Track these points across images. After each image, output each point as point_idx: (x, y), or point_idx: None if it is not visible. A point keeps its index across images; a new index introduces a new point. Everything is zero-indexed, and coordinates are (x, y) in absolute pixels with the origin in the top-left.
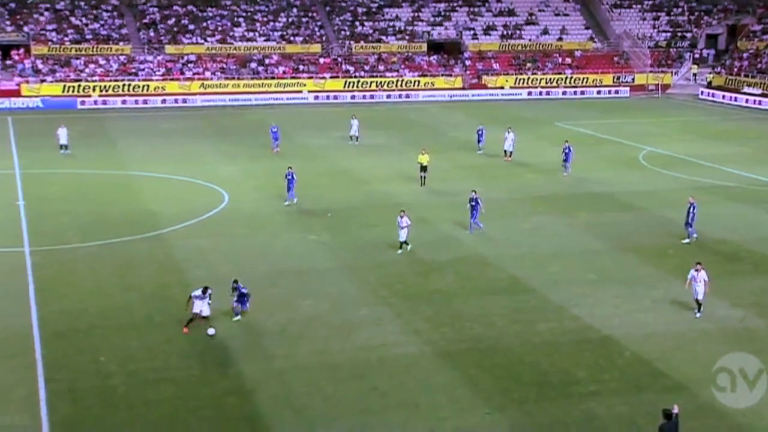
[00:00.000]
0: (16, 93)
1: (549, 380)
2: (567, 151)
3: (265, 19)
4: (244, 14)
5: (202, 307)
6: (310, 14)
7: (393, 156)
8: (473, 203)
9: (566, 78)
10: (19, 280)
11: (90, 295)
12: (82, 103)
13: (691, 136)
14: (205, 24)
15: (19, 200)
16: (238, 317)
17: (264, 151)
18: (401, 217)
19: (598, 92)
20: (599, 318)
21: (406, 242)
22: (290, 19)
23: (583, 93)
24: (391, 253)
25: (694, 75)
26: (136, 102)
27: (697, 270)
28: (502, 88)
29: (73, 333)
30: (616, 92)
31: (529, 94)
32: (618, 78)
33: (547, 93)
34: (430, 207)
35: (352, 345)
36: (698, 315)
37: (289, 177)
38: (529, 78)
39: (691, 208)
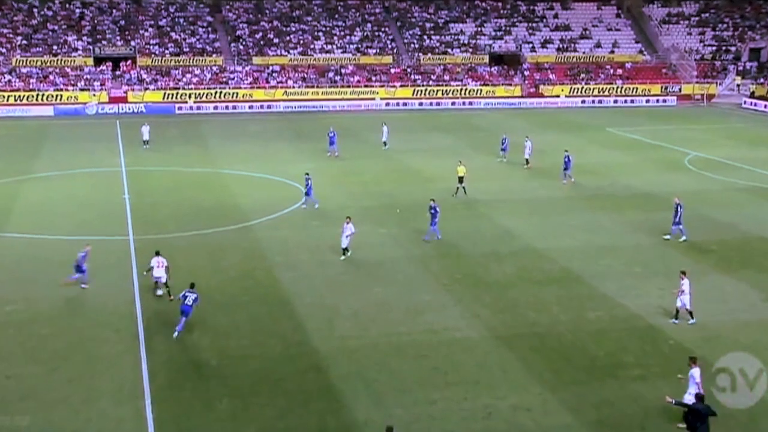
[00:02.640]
0: (124, 99)
1: (598, 364)
2: (566, 159)
3: (342, 33)
4: (323, 29)
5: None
6: (382, 29)
7: (456, 157)
8: (432, 211)
9: (617, 88)
10: (125, 265)
11: (185, 278)
12: (179, 108)
13: (734, 142)
14: (288, 38)
15: (125, 194)
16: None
17: (340, 152)
18: (346, 224)
19: (647, 101)
20: (645, 308)
21: (347, 248)
22: (365, 33)
23: (632, 102)
24: (454, 245)
25: (738, 86)
26: (226, 107)
27: (681, 278)
28: (557, 96)
29: (170, 311)
30: (664, 101)
31: (583, 102)
32: (666, 88)
33: (600, 101)
34: (487, 204)
35: (418, 328)
36: (693, 321)
37: (307, 181)
38: (582, 87)
39: (678, 208)
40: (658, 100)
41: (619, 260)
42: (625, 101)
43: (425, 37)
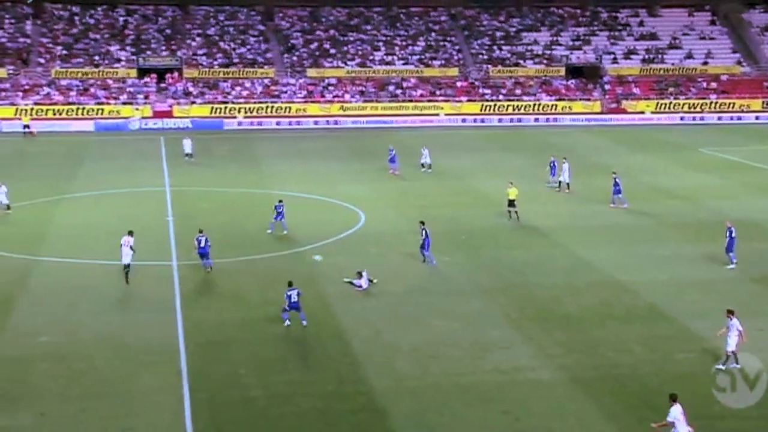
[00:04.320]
0: (169, 114)
1: (687, 412)
2: (615, 182)
3: (404, 43)
4: (383, 38)
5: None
6: (448, 38)
7: (526, 178)
8: (423, 234)
9: (711, 103)
10: (167, 292)
11: (231, 307)
12: (228, 124)
13: None
14: (345, 48)
15: (168, 216)
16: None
17: (401, 171)
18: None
19: (745, 118)
20: (740, 350)
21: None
22: (428, 43)
23: (729, 118)
24: (524, 275)
25: None
26: (278, 123)
27: (729, 318)
28: (642, 113)
29: (215, 344)
30: (766, 118)
31: (671, 119)
32: None
33: (691, 118)
34: (558, 230)
35: (484, 367)
36: (736, 366)
37: (279, 209)
38: (671, 103)
39: (729, 233)
40: (758, 117)
41: (710, 296)
42: (720, 118)
43: (495, 47)
